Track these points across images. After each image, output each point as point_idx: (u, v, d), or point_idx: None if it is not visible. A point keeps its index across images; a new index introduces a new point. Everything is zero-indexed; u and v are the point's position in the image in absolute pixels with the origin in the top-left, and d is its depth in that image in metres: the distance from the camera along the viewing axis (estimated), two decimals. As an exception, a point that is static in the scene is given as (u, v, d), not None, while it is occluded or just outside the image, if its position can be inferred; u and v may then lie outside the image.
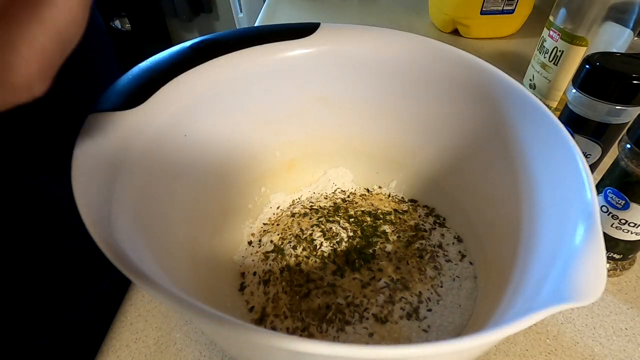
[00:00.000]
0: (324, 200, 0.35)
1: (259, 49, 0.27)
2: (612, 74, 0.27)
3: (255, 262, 0.30)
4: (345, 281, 0.29)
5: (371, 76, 0.30)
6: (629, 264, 0.31)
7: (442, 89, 0.29)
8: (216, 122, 0.28)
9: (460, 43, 0.64)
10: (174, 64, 0.25)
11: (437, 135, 0.31)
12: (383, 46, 0.29)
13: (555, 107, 0.47)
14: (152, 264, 0.18)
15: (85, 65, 0.35)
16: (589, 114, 0.29)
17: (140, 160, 0.21)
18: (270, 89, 0.29)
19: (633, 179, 0.26)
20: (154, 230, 0.21)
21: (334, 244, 0.31)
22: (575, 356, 0.27)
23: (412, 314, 0.27)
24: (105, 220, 0.17)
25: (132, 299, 0.30)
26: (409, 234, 0.32)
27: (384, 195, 0.36)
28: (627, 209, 0.27)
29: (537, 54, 0.47)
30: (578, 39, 0.41)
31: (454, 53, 0.28)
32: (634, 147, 0.25)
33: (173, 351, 0.27)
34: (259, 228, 0.33)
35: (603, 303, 0.30)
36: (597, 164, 0.32)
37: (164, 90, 0.23)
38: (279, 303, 0.27)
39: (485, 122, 0.28)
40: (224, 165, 0.29)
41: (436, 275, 0.29)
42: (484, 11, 0.61)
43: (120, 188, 0.19)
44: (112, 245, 0.15)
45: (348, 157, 0.36)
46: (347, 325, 0.26)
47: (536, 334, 0.28)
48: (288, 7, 0.76)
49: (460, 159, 0.31)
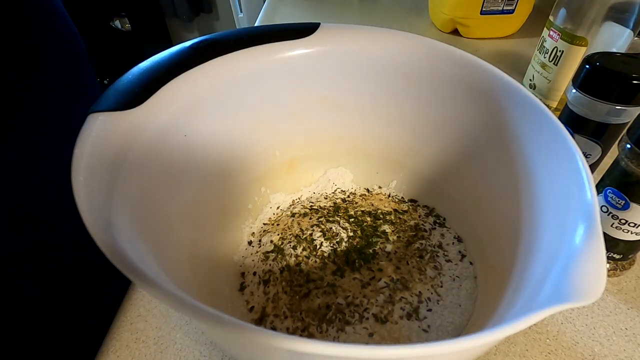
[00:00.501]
0: (324, 200, 0.35)
1: (259, 49, 0.27)
2: (612, 74, 0.27)
3: (255, 262, 0.30)
4: (345, 281, 0.29)
5: (371, 76, 0.30)
6: (629, 264, 0.31)
7: (442, 89, 0.29)
8: (216, 122, 0.28)
9: (460, 43, 0.64)
10: (174, 64, 0.25)
11: (437, 135, 0.31)
12: (383, 46, 0.29)
13: (555, 107, 0.47)
14: (152, 264, 0.18)
15: (54, 70, 0.34)
16: (589, 114, 0.29)
17: (140, 160, 0.21)
18: (270, 88, 0.29)
19: (633, 179, 0.26)
20: (154, 230, 0.21)
21: (334, 244, 0.31)
22: (575, 356, 0.27)
23: (412, 314, 0.27)
24: (105, 220, 0.17)
25: (132, 299, 0.30)
26: (409, 234, 0.32)
27: (384, 195, 0.36)
28: (627, 209, 0.27)
29: (537, 54, 0.47)
30: (578, 39, 0.41)
31: (454, 53, 0.28)
32: (634, 147, 0.25)
33: (173, 351, 0.27)
34: (259, 228, 0.33)
35: (603, 303, 0.30)
36: (597, 164, 0.32)
37: (164, 90, 0.23)
38: (279, 303, 0.27)
39: (485, 122, 0.28)
40: (224, 165, 0.29)
41: (436, 275, 0.29)
42: (484, 11, 0.61)
43: (120, 188, 0.19)
44: (112, 245, 0.15)
45: (348, 157, 0.36)
46: (347, 325, 0.26)
47: (536, 334, 0.28)
48: (288, 7, 0.76)
49: (461, 159, 0.30)
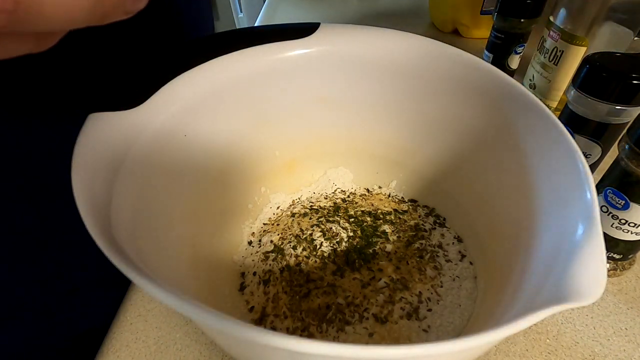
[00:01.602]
0: (324, 200, 0.35)
1: (259, 49, 0.27)
2: (612, 74, 0.27)
3: (255, 262, 0.30)
4: (345, 281, 0.29)
5: (371, 76, 0.30)
6: (629, 264, 0.31)
7: (442, 89, 0.29)
8: (216, 122, 0.28)
9: (460, 43, 0.64)
10: (174, 64, 0.25)
11: (437, 135, 0.31)
12: (383, 46, 0.29)
13: (555, 107, 0.47)
14: (153, 263, 0.18)
15: None
16: (589, 114, 0.29)
17: (140, 160, 0.21)
18: (271, 89, 0.29)
19: (633, 179, 0.26)
20: (154, 230, 0.21)
21: (334, 244, 0.31)
22: (575, 356, 0.27)
23: (412, 314, 0.27)
24: (105, 220, 0.17)
25: (132, 299, 0.30)
26: (409, 234, 0.32)
27: (384, 195, 0.36)
28: (627, 209, 0.27)
29: (537, 54, 0.47)
30: (578, 39, 0.41)
31: (454, 53, 0.28)
32: (634, 147, 0.25)
33: (173, 351, 0.27)
34: (259, 228, 0.33)
35: (603, 303, 0.30)
36: (597, 164, 0.32)
37: (164, 90, 0.23)
38: (279, 303, 0.27)
39: (486, 122, 0.28)
40: (224, 165, 0.29)
41: (436, 275, 0.29)
42: (484, 11, 0.61)
43: (120, 188, 0.19)
44: (112, 244, 0.15)
45: (348, 157, 0.36)
46: (347, 325, 0.26)
47: (536, 334, 0.28)
48: (288, 7, 0.76)
49: (461, 159, 0.30)
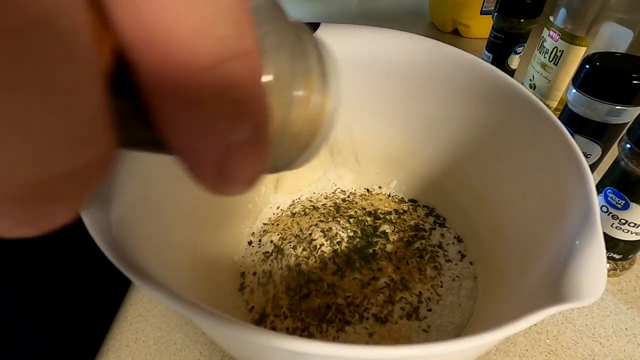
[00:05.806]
0: (324, 200, 0.35)
1: (259, 49, 0.27)
2: (612, 74, 0.27)
3: (255, 262, 0.30)
4: (345, 281, 0.29)
5: (371, 76, 0.30)
6: (629, 264, 0.31)
7: (442, 89, 0.29)
8: (216, 122, 0.27)
9: (460, 43, 0.64)
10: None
11: (437, 135, 0.31)
12: (383, 46, 0.29)
13: (555, 107, 0.47)
14: (152, 263, 0.18)
15: None
16: (589, 114, 0.29)
17: (140, 159, 0.21)
18: (270, 89, 0.29)
19: (633, 179, 0.26)
20: (154, 230, 0.21)
21: (334, 244, 0.31)
22: (575, 356, 0.27)
23: (412, 314, 0.27)
24: (105, 220, 0.17)
25: (132, 299, 0.30)
26: (409, 234, 0.32)
27: (384, 195, 0.36)
28: (627, 209, 0.27)
29: (537, 54, 0.47)
30: (578, 39, 0.41)
31: (454, 53, 0.28)
32: (634, 147, 0.25)
33: (173, 351, 0.27)
34: (259, 228, 0.33)
35: (603, 303, 0.30)
36: (597, 164, 0.32)
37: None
38: (279, 303, 0.27)
39: (486, 122, 0.28)
40: (224, 165, 0.29)
41: (436, 275, 0.29)
42: (484, 11, 0.61)
43: (120, 188, 0.19)
44: (112, 245, 0.15)
45: (348, 157, 0.36)
46: (347, 325, 0.26)
47: (536, 334, 0.28)
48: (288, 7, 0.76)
49: (461, 158, 0.30)
